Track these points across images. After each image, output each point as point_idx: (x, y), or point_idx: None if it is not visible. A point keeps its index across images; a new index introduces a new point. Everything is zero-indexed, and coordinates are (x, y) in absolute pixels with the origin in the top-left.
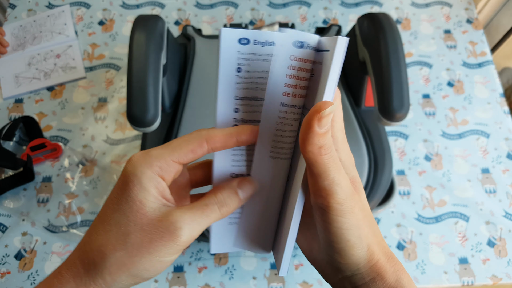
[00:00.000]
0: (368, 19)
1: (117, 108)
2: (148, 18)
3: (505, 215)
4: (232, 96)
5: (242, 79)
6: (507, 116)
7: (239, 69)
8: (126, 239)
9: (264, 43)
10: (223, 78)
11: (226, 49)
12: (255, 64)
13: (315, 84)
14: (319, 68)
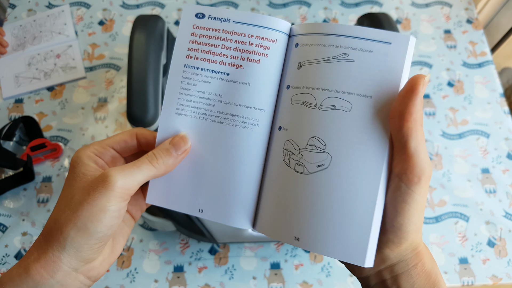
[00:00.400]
0: (368, 19)
1: (117, 108)
2: (148, 18)
3: (505, 215)
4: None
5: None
6: (507, 116)
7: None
8: (71, 201)
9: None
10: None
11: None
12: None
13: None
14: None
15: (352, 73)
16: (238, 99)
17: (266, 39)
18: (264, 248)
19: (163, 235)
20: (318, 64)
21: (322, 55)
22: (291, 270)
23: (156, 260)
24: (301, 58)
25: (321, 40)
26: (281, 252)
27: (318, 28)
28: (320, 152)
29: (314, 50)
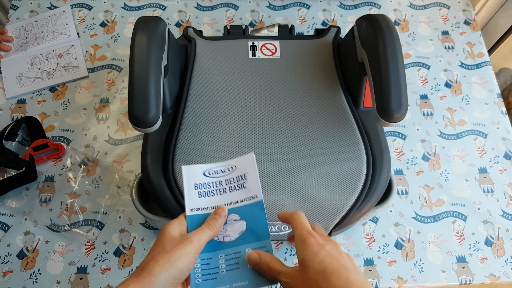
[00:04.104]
0: (366, 21)
1: (118, 108)
2: (149, 19)
3: (502, 214)
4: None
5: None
6: (505, 116)
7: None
8: (164, 248)
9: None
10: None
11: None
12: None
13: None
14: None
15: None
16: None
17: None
18: None
19: None
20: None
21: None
22: None
23: None
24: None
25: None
26: (281, 251)
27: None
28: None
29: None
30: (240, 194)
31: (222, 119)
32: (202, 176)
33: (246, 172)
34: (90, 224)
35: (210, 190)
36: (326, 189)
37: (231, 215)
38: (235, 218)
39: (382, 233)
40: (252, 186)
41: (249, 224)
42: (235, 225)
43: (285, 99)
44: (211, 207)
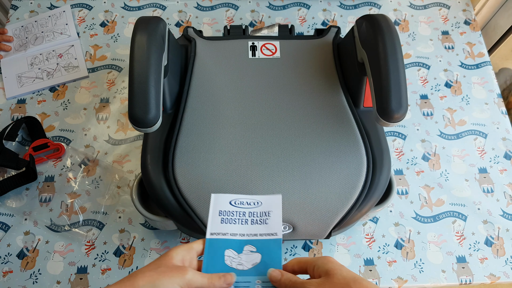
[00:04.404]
0: (366, 21)
1: (118, 108)
2: (149, 19)
3: (502, 214)
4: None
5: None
6: (505, 116)
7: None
8: (158, 268)
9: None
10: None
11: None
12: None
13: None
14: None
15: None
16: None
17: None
18: None
19: (164, 234)
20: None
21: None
22: None
23: None
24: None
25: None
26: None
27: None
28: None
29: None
30: (260, 229)
31: (222, 119)
32: (228, 205)
33: (270, 211)
34: (90, 224)
35: (233, 218)
36: (326, 189)
37: (248, 246)
38: (251, 249)
39: (382, 233)
40: (274, 224)
41: (264, 258)
42: (250, 256)
43: (285, 99)
44: (230, 234)
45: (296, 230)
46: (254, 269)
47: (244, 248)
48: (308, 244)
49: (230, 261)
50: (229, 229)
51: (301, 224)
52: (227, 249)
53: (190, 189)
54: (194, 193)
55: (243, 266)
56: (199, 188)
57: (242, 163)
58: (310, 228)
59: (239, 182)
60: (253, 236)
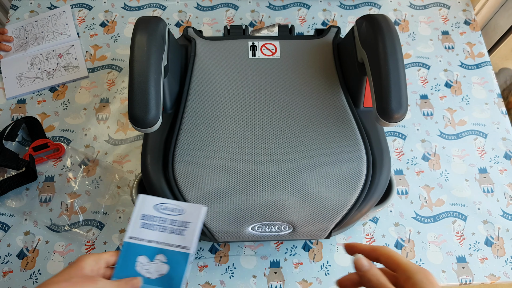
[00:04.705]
0: (366, 21)
1: (118, 108)
2: (149, 19)
3: (502, 214)
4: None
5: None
6: (505, 116)
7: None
8: (69, 279)
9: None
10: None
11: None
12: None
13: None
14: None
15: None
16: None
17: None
18: (264, 247)
19: None
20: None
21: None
22: (290, 268)
23: None
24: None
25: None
26: (281, 251)
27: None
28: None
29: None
30: (175, 239)
31: (222, 119)
32: (152, 209)
33: (189, 222)
34: (90, 224)
35: (154, 224)
36: (326, 189)
37: (160, 255)
38: (162, 259)
39: (382, 233)
40: (189, 237)
41: (170, 270)
42: (159, 266)
43: (285, 99)
44: (147, 240)
45: (296, 230)
46: (159, 280)
47: (156, 256)
48: (308, 244)
49: (141, 267)
50: (147, 235)
51: (301, 224)
52: (141, 255)
53: (190, 189)
54: (194, 193)
55: (151, 275)
56: (199, 188)
57: (242, 163)
58: (310, 228)
59: (239, 182)
60: (167, 246)
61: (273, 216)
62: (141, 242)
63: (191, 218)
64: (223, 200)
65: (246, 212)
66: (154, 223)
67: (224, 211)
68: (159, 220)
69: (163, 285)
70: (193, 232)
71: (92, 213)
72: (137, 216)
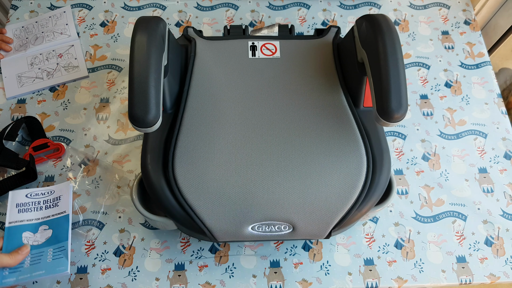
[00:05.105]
0: (366, 21)
1: (119, 108)
2: (149, 19)
3: (502, 214)
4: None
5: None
6: (505, 116)
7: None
8: None
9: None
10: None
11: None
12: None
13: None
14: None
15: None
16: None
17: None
18: (264, 246)
19: (164, 234)
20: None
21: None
22: (290, 268)
23: (157, 258)
24: None
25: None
26: (281, 251)
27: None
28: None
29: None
30: (53, 211)
31: (222, 119)
32: (25, 197)
33: (61, 195)
34: (90, 224)
35: (29, 207)
36: (326, 189)
37: (43, 226)
38: (45, 228)
39: (382, 233)
40: (64, 205)
41: (54, 232)
42: (44, 233)
43: (285, 99)
44: (27, 220)
45: (296, 230)
46: (47, 242)
47: (39, 228)
48: (308, 244)
49: (27, 240)
50: (26, 217)
51: (301, 224)
52: (25, 231)
53: (190, 189)
54: (194, 193)
55: (38, 242)
56: (199, 188)
57: (242, 163)
58: (310, 228)
59: (239, 182)
60: (46, 218)
61: (273, 216)
62: (22, 223)
63: (61, 193)
64: (223, 200)
65: (246, 212)
66: (30, 207)
67: (224, 211)
68: (33, 204)
69: (51, 244)
70: (66, 201)
71: (92, 213)
72: (12, 206)
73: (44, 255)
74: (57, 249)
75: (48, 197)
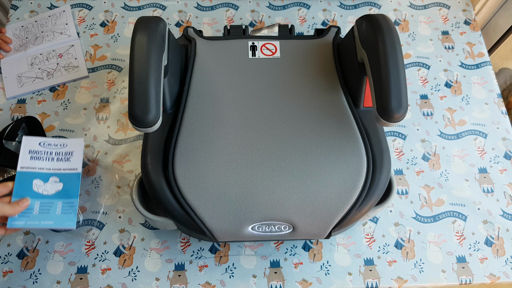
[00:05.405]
0: (366, 21)
1: (119, 108)
2: (149, 19)
3: (502, 214)
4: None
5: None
6: (505, 116)
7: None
8: None
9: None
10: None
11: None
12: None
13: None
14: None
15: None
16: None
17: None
18: (264, 246)
19: (164, 234)
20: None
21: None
22: (290, 268)
23: (158, 258)
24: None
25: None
26: (281, 251)
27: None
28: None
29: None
30: (64, 165)
31: (222, 119)
32: (38, 145)
33: (74, 151)
34: (90, 224)
35: (41, 156)
36: (326, 189)
37: (53, 177)
38: (55, 180)
39: (382, 233)
40: (75, 162)
41: (65, 186)
42: (54, 185)
43: (285, 99)
44: (38, 168)
45: (296, 230)
46: (57, 195)
47: (50, 179)
48: (308, 244)
49: (37, 188)
50: (37, 164)
51: (301, 224)
52: (35, 179)
53: (190, 189)
54: (194, 193)
55: (48, 192)
56: (199, 188)
57: (242, 163)
58: (310, 228)
59: (239, 182)
60: (57, 170)
61: (273, 216)
62: (33, 170)
63: (73, 149)
64: (223, 200)
65: (246, 212)
66: (42, 155)
67: (224, 211)
68: (46, 153)
69: (61, 198)
70: (79, 158)
71: (92, 213)
72: (25, 152)
73: (53, 207)
74: (67, 204)
75: (60, 149)
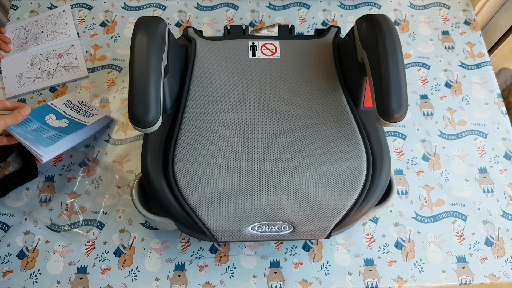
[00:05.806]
0: (366, 21)
1: (119, 108)
2: (149, 19)
3: (502, 214)
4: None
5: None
6: (505, 116)
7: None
8: None
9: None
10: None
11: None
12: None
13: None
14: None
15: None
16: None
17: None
18: (264, 247)
19: (164, 234)
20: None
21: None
22: (290, 268)
23: (158, 258)
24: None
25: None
26: (281, 251)
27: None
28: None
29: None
30: (81, 117)
31: (222, 119)
32: (76, 101)
33: (96, 114)
34: (90, 224)
35: (72, 106)
36: (326, 189)
37: (66, 119)
38: (66, 121)
39: (382, 233)
40: (91, 120)
41: (67, 127)
42: (61, 123)
43: (285, 99)
44: (62, 110)
45: (296, 230)
46: (58, 128)
47: (63, 120)
48: (308, 244)
49: (48, 119)
50: (64, 109)
51: (301, 224)
52: (51, 113)
53: (190, 189)
54: (194, 193)
55: (53, 124)
56: (199, 188)
57: (242, 163)
58: (310, 228)
59: (239, 182)
60: (72, 117)
61: (273, 216)
62: (57, 109)
63: (97, 113)
64: (223, 200)
65: (246, 212)
66: (72, 106)
67: (224, 211)
68: (77, 107)
69: (57, 130)
70: (96, 119)
71: (92, 213)
72: (64, 99)
73: (45, 132)
74: (56, 134)
75: (89, 110)
